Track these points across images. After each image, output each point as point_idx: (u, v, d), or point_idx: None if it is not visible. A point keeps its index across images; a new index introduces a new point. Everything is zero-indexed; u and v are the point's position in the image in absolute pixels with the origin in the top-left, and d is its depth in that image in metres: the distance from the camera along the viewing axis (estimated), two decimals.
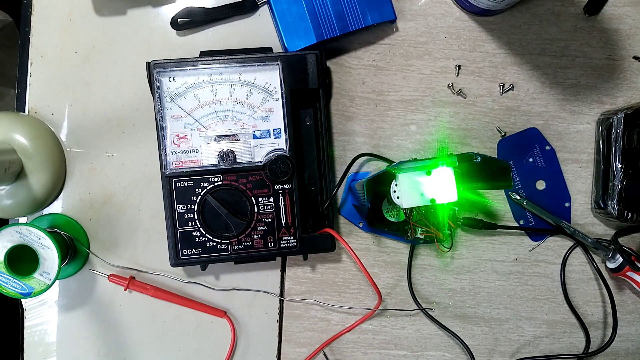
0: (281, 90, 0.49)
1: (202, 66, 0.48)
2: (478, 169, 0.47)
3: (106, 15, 0.54)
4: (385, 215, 0.52)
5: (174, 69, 0.48)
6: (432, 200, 0.44)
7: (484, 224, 0.54)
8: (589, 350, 0.56)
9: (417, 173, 0.45)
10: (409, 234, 0.51)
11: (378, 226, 0.53)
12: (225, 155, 0.49)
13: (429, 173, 0.45)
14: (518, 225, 0.56)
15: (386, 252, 0.56)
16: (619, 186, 0.52)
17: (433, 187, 0.45)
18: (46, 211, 0.55)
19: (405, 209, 0.49)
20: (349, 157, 0.55)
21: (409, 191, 0.45)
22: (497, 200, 0.56)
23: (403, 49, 0.56)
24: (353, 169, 0.56)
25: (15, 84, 0.54)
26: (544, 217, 0.55)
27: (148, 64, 0.48)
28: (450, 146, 0.56)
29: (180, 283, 0.55)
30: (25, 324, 0.55)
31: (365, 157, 0.56)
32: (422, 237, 0.52)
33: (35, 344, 0.55)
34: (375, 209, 0.52)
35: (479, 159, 0.44)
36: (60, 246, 0.49)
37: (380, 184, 0.48)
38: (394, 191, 0.46)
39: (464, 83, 0.56)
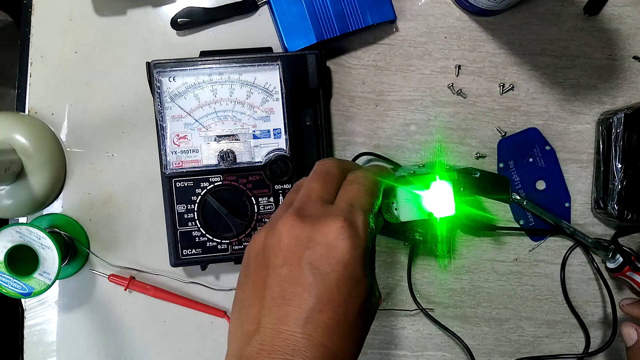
0: (281, 90, 0.49)
1: (202, 66, 0.48)
2: (477, 182, 0.47)
3: (106, 15, 0.54)
4: (385, 216, 0.52)
5: (174, 69, 0.48)
6: (430, 214, 0.44)
7: (484, 224, 0.54)
8: (589, 350, 0.56)
9: (415, 186, 0.45)
10: (406, 243, 0.51)
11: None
12: (225, 155, 0.49)
13: (427, 187, 0.45)
14: (518, 225, 0.56)
15: (386, 252, 0.56)
16: (619, 186, 0.52)
17: (431, 201, 0.45)
18: (46, 211, 0.55)
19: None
20: (349, 157, 0.55)
21: (407, 205, 0.45)
22: (497, 200, 0.56)
23: (403, 49, 0.56)
24: None
25: (15, 84, 0.54)
26: (544, 217, 0.55)
27: (148, 64, 0.48)
28: (450, 147, 0.56)
29: (180, 283, 0.55)
30: (25, 323, 0.55)
31: (365, 157, 0.56)
32: (421, 238, 0.52)
33: (35, 344, 0.55)
34: None
35: (478, 174, 0.44)
36: (60, 246, 0.49)
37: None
38: (392, 203, 0.46)
39: (464, 83, 0.56)
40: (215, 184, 0.50)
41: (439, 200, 0.44)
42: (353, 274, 0.30)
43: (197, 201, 0.49)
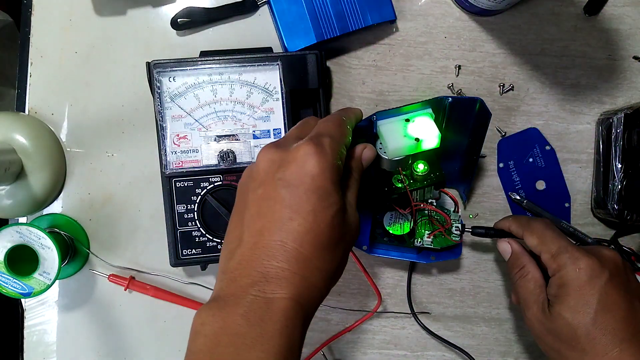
0: (281, 90, 0.49)
1: (202, 66, 0.48)
2: (454, 116, 0.48)
3: (106, 15, 0.54)
4: (388, 229, 0.51)
5: (174, 69, 0.48)
6: (418, 140, 0.46)
7: (495, 232, 0.50)
8: None
9: (397, 121, 0.47)
10: (412, 224, 0.50)
11: (381, 241, 0.52)
12: (225, 155, 0.49)
13: (408, 121, 0.47)
14: None
15: None
16: (619, 186, 0.52)
17: (415, 133, 0.46)
18: (46, 211, 0.55)
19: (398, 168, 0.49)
20: None
21: (392, 138, 0.46)
22: (497, 200, 0.56)
23: (403, 49, 0.56)
24: None
25: (15, 84, 0.54)
26: (544, 217, 0.55)
27: (148, 64, 0.48)
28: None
29: (180, 283, 0.55)
30: (25, 323, 0.55)
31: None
32: (430, 239, 0.50)
33: (35, 344, 0.55)
34: (377, 223, 0.51)
35: (450, 99, 0.46)
36: (60, 246, 0.49)
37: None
38: (380, 148, 0.47)
39: (464, 83, 0.56)
40: (215, 184, 0.50)
41: (422, 132, 0.46)
42: (320, 185, 0.33)
43: (197, 201, 0.49)
